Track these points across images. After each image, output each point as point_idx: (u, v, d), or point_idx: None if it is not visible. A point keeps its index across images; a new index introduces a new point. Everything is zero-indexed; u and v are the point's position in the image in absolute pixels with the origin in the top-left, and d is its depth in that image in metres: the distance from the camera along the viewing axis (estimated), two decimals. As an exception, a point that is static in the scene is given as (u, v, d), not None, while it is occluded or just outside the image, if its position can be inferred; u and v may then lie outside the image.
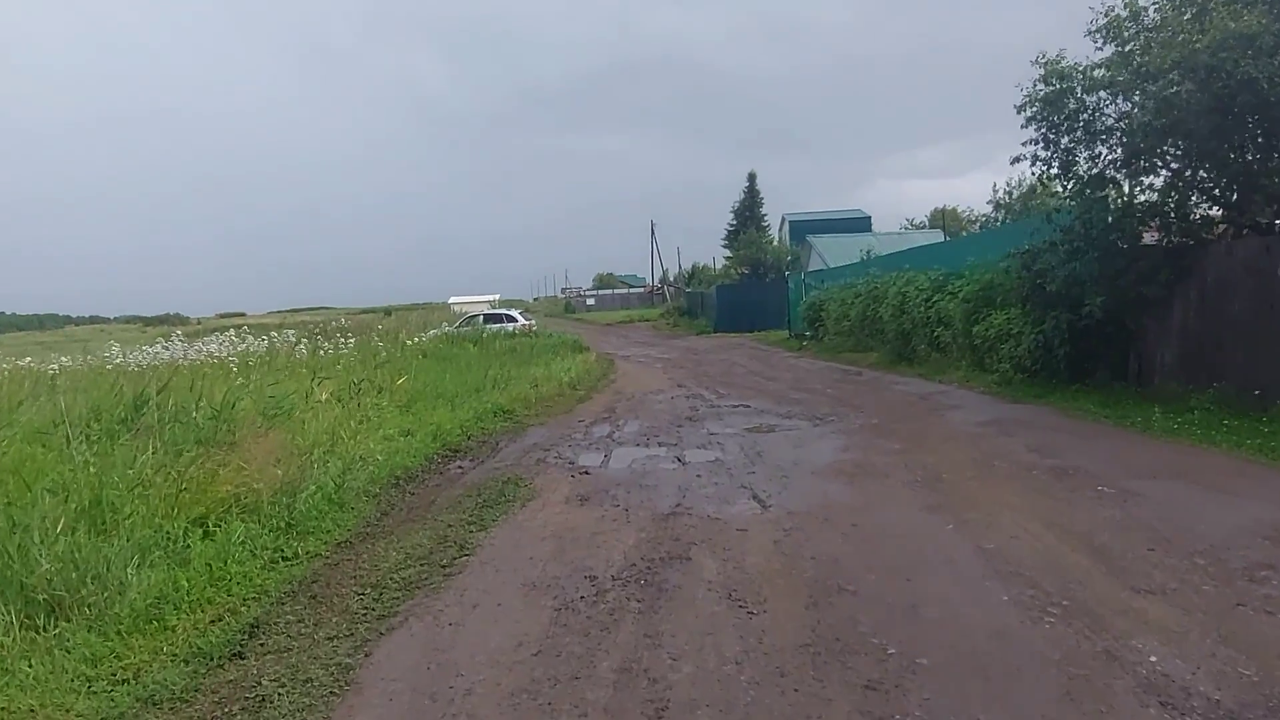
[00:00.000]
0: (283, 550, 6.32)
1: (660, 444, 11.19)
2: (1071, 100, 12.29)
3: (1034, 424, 10.65)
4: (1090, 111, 12.24)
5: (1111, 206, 12.23)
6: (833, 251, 42.91)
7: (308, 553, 6.39)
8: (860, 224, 54.59)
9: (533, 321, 37.22)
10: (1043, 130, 12.80)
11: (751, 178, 71.78)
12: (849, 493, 7.62)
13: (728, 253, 68.69)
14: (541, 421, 13.83)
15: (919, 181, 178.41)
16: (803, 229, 52.48)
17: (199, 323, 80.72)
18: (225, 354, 18.89)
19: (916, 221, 62.86)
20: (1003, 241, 16.40)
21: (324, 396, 11.29)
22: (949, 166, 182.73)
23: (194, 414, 8.59)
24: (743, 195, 71.93)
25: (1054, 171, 12.91)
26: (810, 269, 41.12)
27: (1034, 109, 12.77)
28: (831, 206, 62.17)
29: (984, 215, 52.01)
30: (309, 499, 7.39)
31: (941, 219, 49.99)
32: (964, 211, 55.80)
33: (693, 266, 72.52)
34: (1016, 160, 13.28)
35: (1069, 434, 9.85)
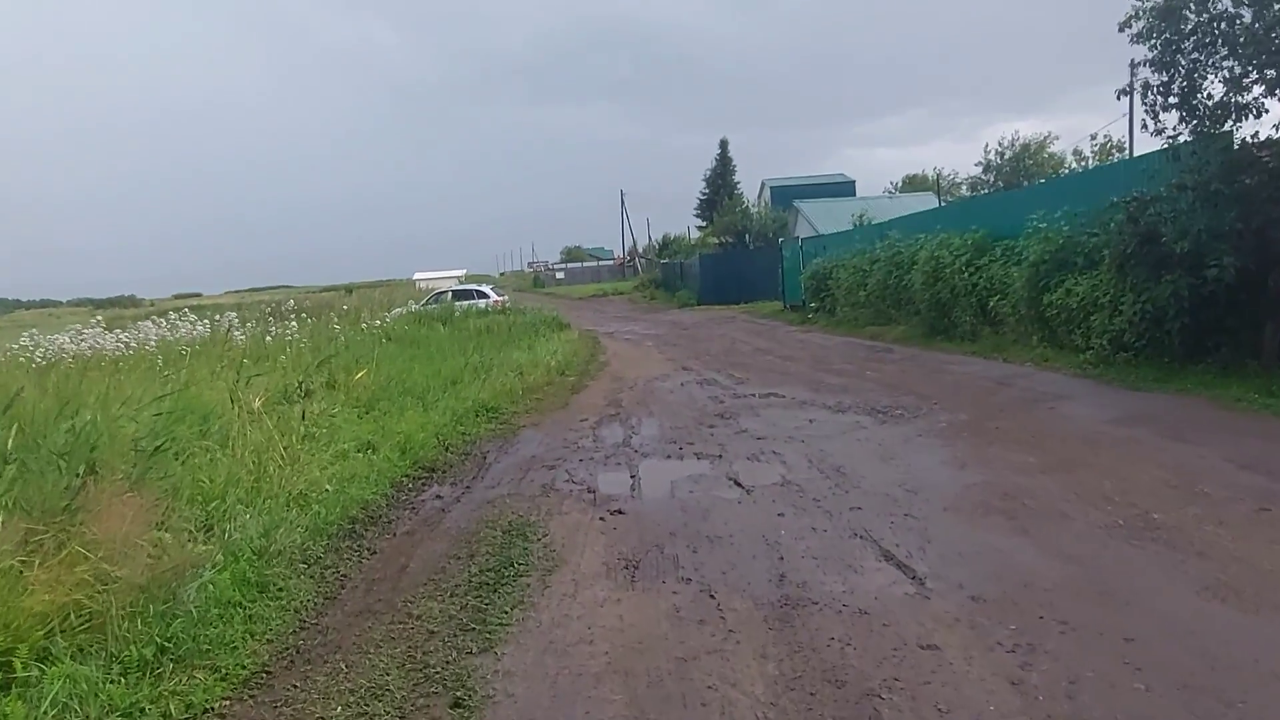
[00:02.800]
0: (141, 711, 3.60)
1: (697, 454, 8.60)
2: (1197, 9, 9.72)
3: (1197, 423, 8.14)
4: (1222, 22, 9.68)
5: (1255, 141, 9.72)
6: (822, 217, 40.56)
7: (189, 708, 3.68)
8: (845, 188, 52.32)
9: (505, 297, 34.29)
10: (1157, 49, 10.25)
11: (723, 145, 69.33)
12: (1036, 552, 5.03)
13: (700, 222, 66.19)
14: (535, 421, 11.16)
15: (885, 150, 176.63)
16: (787, 194, 50.00)
17: (152, 304, 76.64)
18: (149, 343, 15.93)
19: (899, 187, 60.74)
20: (1076, 192, 13.93)
21: (257, 404, 8.50)
22: (913, 134, 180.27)
23: (54, 451, 5.76)
24: (715, 163, 69.42)
25: (1171, 100, 10.36)
26: (797, 235, 38.57)
27: (1145, 22, 10.21)
28: (801, 174, 59.52)
29: (971, 178, 49.92)
30: (208, 587, 4.67)
31: (936, 182, 47.60)
32: (948, 174, 53.57)
33: (664, 237, 69.74)
34: (1123, 93, 10.78)
35: (1265, 439, 7.35)
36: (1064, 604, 4.17)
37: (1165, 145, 10.73)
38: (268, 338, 16.68)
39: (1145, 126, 10.67)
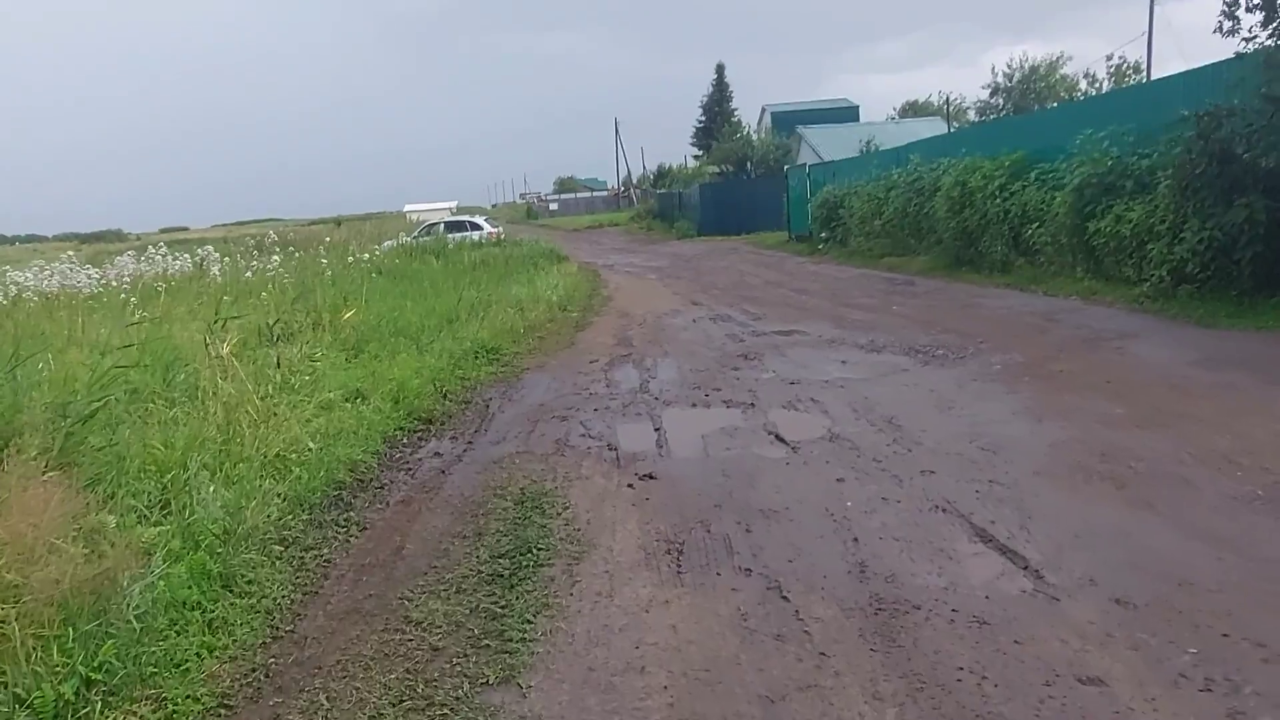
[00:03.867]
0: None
1: (725, 402, 7.68)
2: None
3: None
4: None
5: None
6: (826, 143, 39.00)
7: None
8: (848, 114, 50.52)
9: (500, 229, 33.01)
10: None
11: (720, 70, 67.05)
12: (1172, 534, 4.11)
13: (697, 151, 64.31)
14: (540, 363, 10.23)
15: (881, 76, 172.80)
16: (789, 120, 48.22)
17: (138, 238, 74.81)
18: (124, 280, 14.84)
19: (899, 113, 58.88)
20: (1123, 110, 12.77)
21: (225, 349, 7.49)
22: (910, 59, 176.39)
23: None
24: (711, 89, 67.21)
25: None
26: (800, 163, 37.13)
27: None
28: (800, 100, 57.61)
29: (979, 102, 48.10)
30: (157, 585, 3.75)
31: (945, 107, 45.88)
32: (955, 99, 51.70)
33: (659, 167, 67.95)
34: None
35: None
36: (1246, 615, 3.26)
37: (1239, 51, 9.60)
38: (247, 273, 15.61)
39: (1220, 29, 9.51)
